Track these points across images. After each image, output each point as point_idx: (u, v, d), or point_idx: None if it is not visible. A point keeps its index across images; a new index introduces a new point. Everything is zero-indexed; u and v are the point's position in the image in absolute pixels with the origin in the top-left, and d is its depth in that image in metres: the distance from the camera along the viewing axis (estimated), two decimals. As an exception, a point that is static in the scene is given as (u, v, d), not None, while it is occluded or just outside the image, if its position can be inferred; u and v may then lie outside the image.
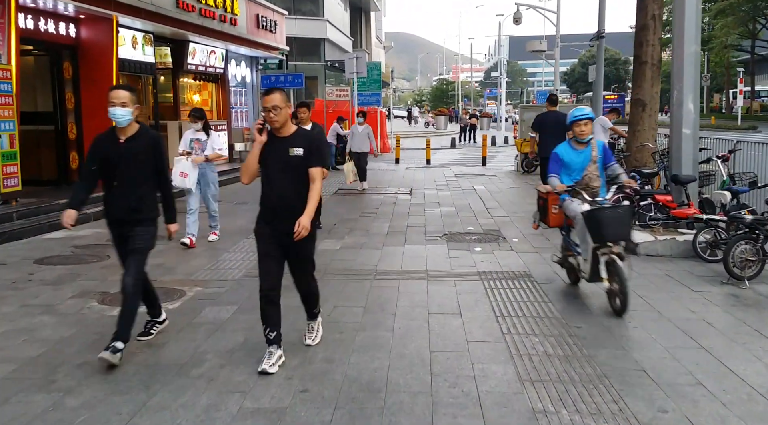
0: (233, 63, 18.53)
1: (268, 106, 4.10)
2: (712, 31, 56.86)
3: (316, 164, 4.23)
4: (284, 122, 4.18)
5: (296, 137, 4.24)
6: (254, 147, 4.22)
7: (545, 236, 8.65)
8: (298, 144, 4.19)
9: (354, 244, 8.28)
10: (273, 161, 4.19)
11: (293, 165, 4.19)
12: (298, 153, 4.17)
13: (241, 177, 4.37)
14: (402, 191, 13.75)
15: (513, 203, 11.89)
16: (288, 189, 4.20)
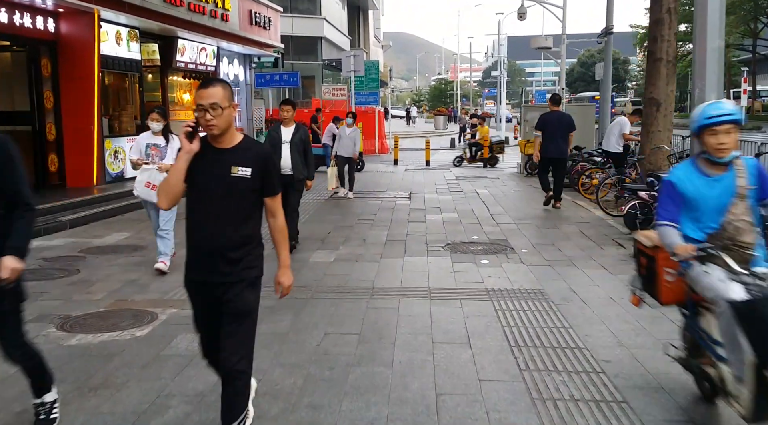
0: (225, 61, 17.84)
1: (204, 103, 2.91)
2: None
3: (272, 193, 3.09)
4: (226, 128, 2.97)
5: (242, 150, 3.00)
6: (179, 159, 2.98)
7: (557, 247, 7.98)
8: (245, 161, 2.97)
9: (349, 255, 7.59)
10: (207, 182, 2.97)
11: (237, 190, 2.98)
12: (244, 174, 2.96)
13: (158, 199, 3.11)
14: (401, 195, 13.06)
15: (519, 209, 11.22)
16: (227, 225, 2.98)
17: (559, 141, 10.77)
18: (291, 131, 7.60)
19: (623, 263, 7.12)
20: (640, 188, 8.63)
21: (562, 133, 10.82)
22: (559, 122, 10.92)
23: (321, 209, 11.26)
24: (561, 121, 10.97)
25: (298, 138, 7.57)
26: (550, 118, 11.07)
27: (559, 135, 10.78)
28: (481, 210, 11.01)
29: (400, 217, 10.39)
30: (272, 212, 3.14)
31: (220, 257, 3.00)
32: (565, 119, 11.05)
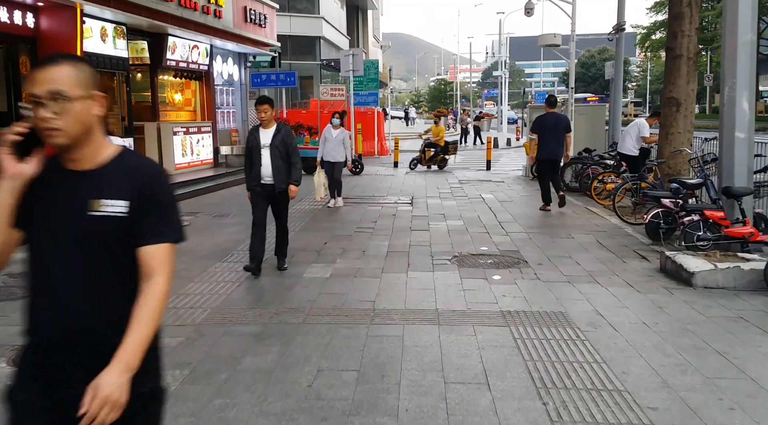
0: (219, 59, 17.15)
1: (40, 92, 1.77)
2: (717, 30, 55.65)
3: (158, 238, 1.87)
4: (81, 134, 1.83)
5: (112, 172, 1.86)
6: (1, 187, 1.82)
7: (574, 260, 7.29)
8: (116, 190, 1.84)
9: (347, 270, 6.90)
10: (52, 225, 1.84)
11: (102, 238, 1.83)
12: (114, 210, 1.83)
13: None
14: (402, 201, 12.37)
15: (528, 216, 10.53)
16: (87, 298, 1.83)
17: (554, 143, 10.64)
18: (271, 133, 6.63)
19: (650, 280, 6.44)
20: (664, 195, 7.95)
21: (558, 135, 10.65)
22: (555, 123, 10.70)
23: (317, 217, 10.57)
24: (557, 123, 10.73)
25: (280, 140, 6.57)
26: (546, 120, 10.86)
27: (555, 137, 10.63)
28: (488, 217, 10.33)
29: (402, 225, 9.70)
30: (150, 269, 1.84)
31: (77, 343, 1.83)
32: (561, 121, 10.81)
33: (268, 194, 6.74)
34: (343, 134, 11.45)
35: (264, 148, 6.60)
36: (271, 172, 6.60)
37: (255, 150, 6.64)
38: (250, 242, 6.79)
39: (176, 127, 14.71)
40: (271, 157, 6.57)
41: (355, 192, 13.75)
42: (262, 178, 6.64)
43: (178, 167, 14.64)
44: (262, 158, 6.61)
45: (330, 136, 11.43)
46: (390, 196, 13.10)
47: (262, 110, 6.63)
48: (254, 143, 6.65)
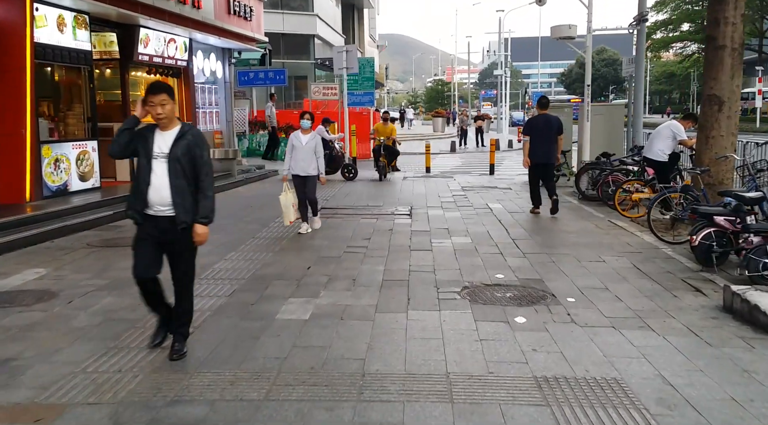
0: (200, 55, 15.74)
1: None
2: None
3: None
4: None
5: None
6: None
7: (613, 293, 5.90)
8: None
9: (332, 309, 5.50)
10: None
11: None
12: None
13: None
14: (400, 212, 10.98)
15: (546, 231, 9.14)
16: None
17: (546, 145, 10.23)
18: (171, 137, 4.30)
19: (716, 324, 5.06)
20: (718, 212, 6.56)
21: (550, 137, 10.21)
22: (546, 125, 10.25)
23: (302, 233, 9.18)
24: (548, 124, 10.27)
25: (184, 150, 4.26)
26: (537, 121, 10.49)
27: (547, 139, 10.20)
28: (499, 233, 8.94)
29: (399, 243, 8.31)
30: None
31: None
32: (552, 123, 10.31)
33: (159, 233, 4.36)
34: (314, 140, 9.03)
35: (157, 159, 4.27)
36: (168, 197, 4.26)
37: (142, 162, 4.31)
38: (141, 297, 4.63)
39: (150, 128, 13.28)
40: (169, 173, 4.25)
41: (348, 201, 12.36)
42: (151, 206, 4.30)
43: (151, 172, 13.20)
44: (152, 175, 4.26)
45: (299, 143, 8.96)
46: (386, 206, 11.70)
47: (157, 102, 4.25)
48: (142, 152, 4.31)
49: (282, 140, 19.97)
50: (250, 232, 9.06)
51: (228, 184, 14.24)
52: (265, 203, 11.90)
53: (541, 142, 10.24)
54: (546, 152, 10.26)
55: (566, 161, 14.88)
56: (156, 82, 4.44)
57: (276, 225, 9.60)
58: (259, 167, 17.19)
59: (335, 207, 11.49)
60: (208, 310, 5.45)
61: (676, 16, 60.12)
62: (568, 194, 13.27)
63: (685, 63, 68.42)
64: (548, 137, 10.20)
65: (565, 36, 11.90)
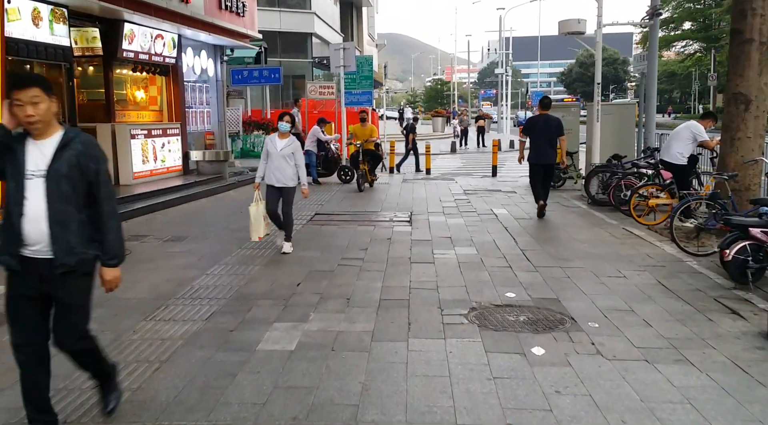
0: (190, 52, 15.05)
1: None
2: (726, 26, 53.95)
3: None
4: None
5: None
6: None
7: (641, 316, 5.23)
8: None
9: (322, 337, 4.82)
10: None
11: None
12: None
13: None
14: (399, 218, 10.30)
15: (557, 240, 8.46)
16: None
17: (546, 146, 10.02)
18: (50, 147, 3.11)
19: (765, 357, 4.39)
20: (754, 223, 5.89)
21: (550, 137, 10.01)
22: (545, 125, 10.03)
23: (294, 240, 8.49)
24: (548, 125, 10.04)
25: (70, 163, 3.11)
26: (536, 121, 10.28)
27: (546, 140, 9.99)
28: (506, 242, 8.26)
29: (399, 254, 7.63)
30: None
31: None
32: (552, 123, 10.08)
33: (37, 281, 3.14)
34: (292, 146, 7.70)
35: (32, 179, 3.09)
36: (45, 232, 3.08)
37: (10, 185, 3.11)
38: (21, 386, 3.26)
39: (135, 129, 12.60)
40: (48, 198, 3.08)
41: (344, 206, 11.68)
42: (25, 244, 3.10)
43: (137, 175, 12.53)
44: (25, 202, 3.07)
45: (274, 148, 7.65)
46: (385, 211, 11.03)
47: (26, 100, 3.04)
48: (10, 170, 3.12)
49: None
50: (237, 241, 8.38)
51: (219, 187, 13.55)
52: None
53: (541, 143, 10.01)
54: (546, 153, 10.04)
55: (573, 163, 14.22)
56: (23, 74, 3.57)
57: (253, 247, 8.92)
58: (252, 169, 16.49)
59: (330, 213, 10.81)
60: (180, 339, 4.77)
61: (678, 15, 59.52)
62: (575, 197, 12.60)
63: (686, 62, 67.81)
64: (548, 137, 9.97)
65: (574, 31, 11.24)
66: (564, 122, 14.70)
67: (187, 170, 14.53)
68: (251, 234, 7.70)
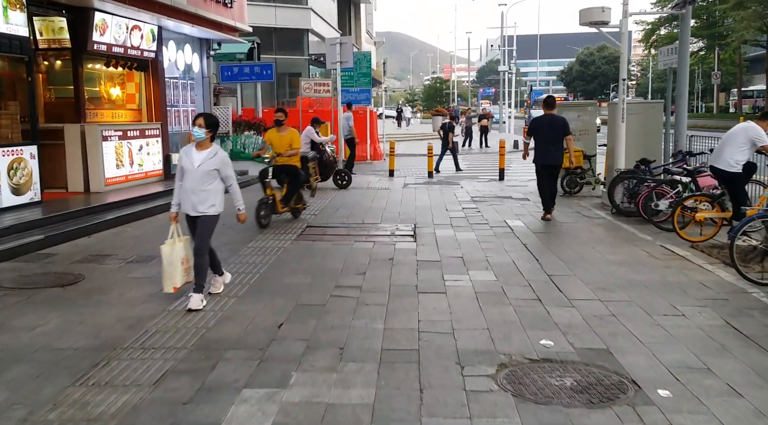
0: (172, 46, 13.81)
1: None
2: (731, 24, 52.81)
3: None
4: None
5: None
6: None
7: (721, 378, 4.00)
8: None
9: (306, 414, 3.58)
10: None
11: None
12: None
13: None
14: (402, 232, 9.08)
15: (588, 261, 7.22)
16: None
17: (551, 147, 9.80)
18: None
19: None
20: None
21: (555, 138, 9.77)
22: (551, 125, 9.79)
23: (281, 260, 7.27)
24: (553, 124, 9.80)
25: None
26: (542, 121, 10.01)
27: (552, 140, 9.77)
28: (529, 265, 7.04)
29: (403, 280, 6.41)
30: None
31: None
32: (558, 123, 9.84)
33: None
34: (215, 159, 5.66)
35: None
36: None
37: None
38: None
39: (108, 129, 11.35)
40: None
41: (340, 216, 10.46)
42: None
43: (110, 181, 11.29)
44: None
45: (190, 163, 5.65)
46: (385, 223, 9.81)
47: None
48: None
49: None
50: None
51: (202, 194, 12.29)
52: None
53: (546, 143, 9.76)
54: (551, 154, 9.80)
55: (591, 167, 13.01)
56: None
57: (249, 252, 7.69)
58: (241, 173, 15.26)
59: (323, 226, 9.59)
60: (113, 419, 3.54)
61: (681, 12, 58.27)
62: (595, 206, 11.39)
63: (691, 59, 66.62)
64: (554, 138, 9.73)
65: (597, 21, 10.02)
66: (580, 122, 13.58)
67: (168, 175, 13.28)
68: (164, 284, 5.62)
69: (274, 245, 8.13)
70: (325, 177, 14.24)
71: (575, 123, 13.48)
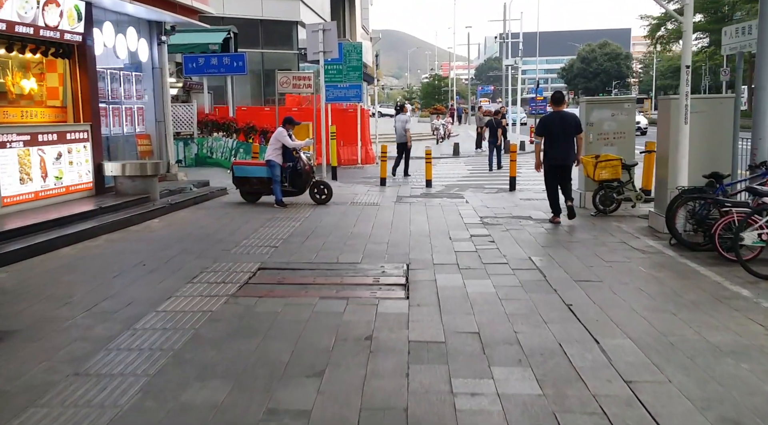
0: (109, 28, 11.14)
1: None
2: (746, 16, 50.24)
3: None
4: None
5: None
6: None
7: None
8: None
9: None
10: None
11: None
12: None
13: None
14: (389, 279, 6.43)
15: (684, 350, 4.55)
16: None
17: (563, 146, 9.30)
18: None
19: None
20: None
21: (567, 136, 9.28)
22: (562, 123, 9.30)
23: (195, 341, 4.63)
24: (564, 122, 9.31)
25: None
26: (552, 119, 9.43)
27: (563, 139, 9.27)
28: (588, 354, 4.39)
29: (384, 393, 3.78)
30: None
31: None
32: (569, 120, 9.35)
33: None
34: None
35: None
36: None
37: None
38: None
39: (7, 133, 8.70)
40: None
41: (308, 249, 7.80)
42: None
43: (9, 201, 8.65)
44: None
45: None
46: (368, 260, 7.17)
47: None
48: None
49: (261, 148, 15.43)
50: (95, 338, 4.55)
51: (140, 214, 9.66)
52: (175, 254, 7.34)
53: (557, 142, 9.24)
54: (563, 153, 9.27)
55: (632, 179, 10.37)
56: None
57: (154, 322, 5.05)
58: (200, 184, 12.63)
59: (282, 267, 6.94)
60: None
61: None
62: (642, 231, 8.78)
63: (698, 56, 64.03)
64: (565, 136, 9.23)
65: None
66: (614, 122, 10.93)
67: (102, 189, 10.63)
68: None
69: (196, 308, 5.48)
70: (300, 190, 11.62)
71: (608, 123, 10.87)
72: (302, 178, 11.46)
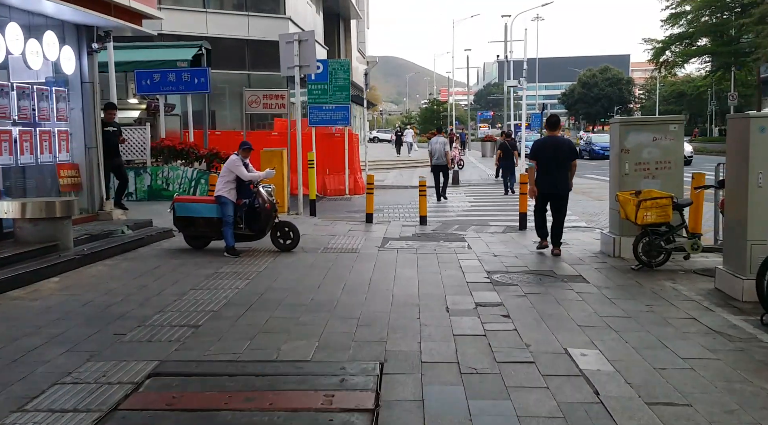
0: (15, 31, 8.76)
1: None
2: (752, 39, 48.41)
3: None
4: None
5: None
6: None
7: None
8: None
9: None
10: None
11: None
12: None
13: None
14: (349, 392, 3.96)
15: None
16: None
17: (556, 173, 8.70)
18: None
19: None
20: None
21: (560, 162, 8.70)
22: (555, 149, 8.73)
23: None
24: (558, 148, 8.74)
25: None
26: (545, 144, 9.02)
27: (556, 166, 8.68)
28: None
29: None
30: None
31: None
32: (563, 146, 8.82)
33: None
34: None
35: None
36: None
37: None
38: None
39: None
40: None
41: (241, 331, 5.33)
42: None
43: None
44: None
45: None
46: (324, 351, 4.72)
47: None
48: None
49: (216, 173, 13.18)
50: None
51: (30, 273, 7.22)
52: (37, 345, 4.86)
53: (549, 169, 8.69)
54: (555, 181, 8.69)
55: (685, 222, 7.95)
56: None
57: None
58: (138, 225, 10.22)
59: (185, 372, 4.48)
60: None
61: (694, 29, 53.98)
62: (708, 296, 6.36)
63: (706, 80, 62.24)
64: (558, 162, 8.68)
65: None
66: (656, 149, 8.54)
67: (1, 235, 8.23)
68: None
69: None
70: (258, 233, 9.21)
71: (649, 150, 8.53)
72: (261, 218, 9.04)
